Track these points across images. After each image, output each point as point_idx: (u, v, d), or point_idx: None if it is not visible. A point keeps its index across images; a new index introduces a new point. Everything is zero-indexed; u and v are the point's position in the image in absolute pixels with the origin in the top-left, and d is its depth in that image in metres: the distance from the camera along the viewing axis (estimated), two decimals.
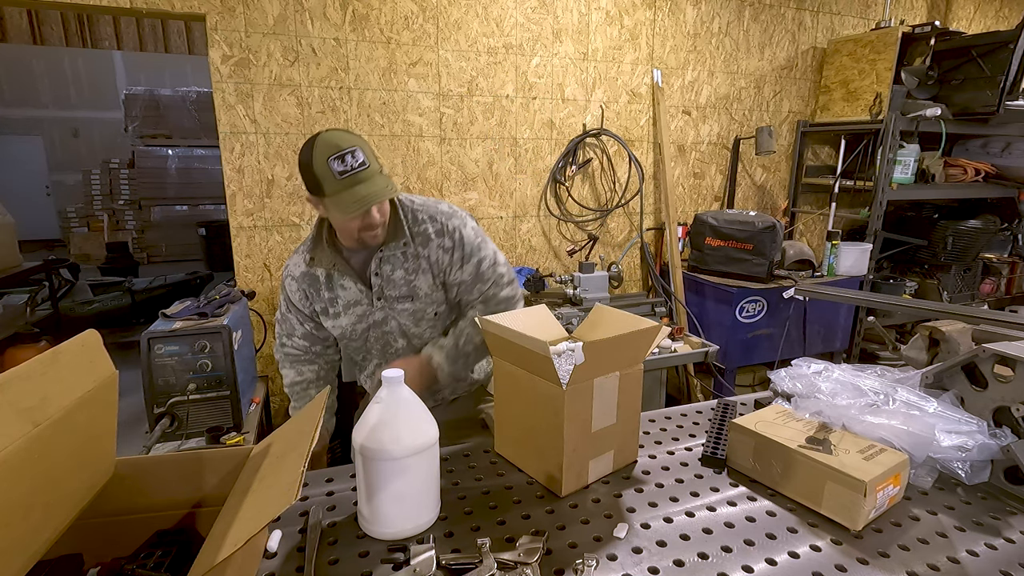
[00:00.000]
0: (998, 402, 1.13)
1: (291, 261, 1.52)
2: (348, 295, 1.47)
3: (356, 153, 1.25)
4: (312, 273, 1.47)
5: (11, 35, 5.49)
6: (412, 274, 1.44)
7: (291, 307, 1.55)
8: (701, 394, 3.35)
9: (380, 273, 1.44)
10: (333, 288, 1.47)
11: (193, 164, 7.97)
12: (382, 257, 1.43)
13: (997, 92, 3.21)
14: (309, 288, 1.49)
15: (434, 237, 1.43)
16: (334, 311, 1.49)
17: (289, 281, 1.51)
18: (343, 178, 1.24)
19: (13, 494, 0.63)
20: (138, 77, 9.24)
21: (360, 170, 1.25)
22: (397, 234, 1.42)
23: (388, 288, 1.45)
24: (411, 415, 0.95)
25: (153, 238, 8.19)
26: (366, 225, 1.33)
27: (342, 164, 1.24)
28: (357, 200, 1.25)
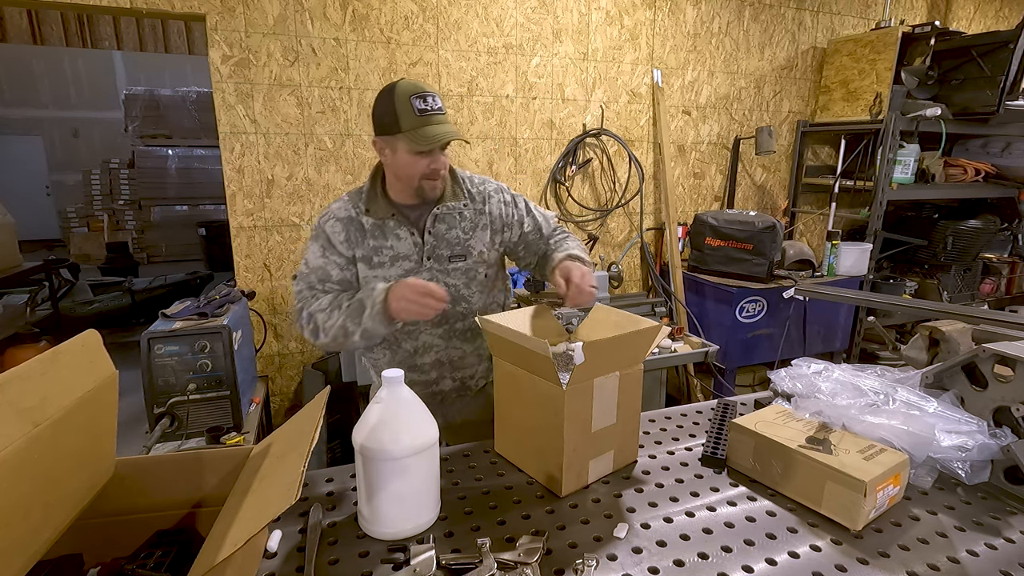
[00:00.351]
0: (998, 402, 1.13)
1: (333, 206, 1.47)
2: (401, 247, 1.42)
3: (436, 99, 1.33)
4: (358, 220, 1.43)
5: (11, 35, 5.49)
6: (468, 232, 1.46)
7: (330, 250, 1.42)
8: (701, 394, 3.35)
9: (434, 231, 1.43)
10: (384, 237, 1.42)
11: (193, 164, 7.96)
12: (438, 215, 1.43)
13: (997, 92, 3.21)
14: (355, 233, 1.43)
15: (493, 194, 1.51)
16: (379, 260, 1.42)
17: (332, 223, 1.43)
18: (422, 115, 1.29)
19: (13, 494, 0.63)
20: (138, 77, 9.23)
21: (438, 112, 1.32)
22: (456, 195, 1.45)
23: (441, 247, 1.44)
24: (411, 415, 0.95)
25: (153, 238, 8.18)
26: (431, 171, 1.35)
27: (423, 103, 1.30)
28: (435, 135, 1.30)
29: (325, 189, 2.82)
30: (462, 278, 1.47)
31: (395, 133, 1.31)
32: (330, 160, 2.80)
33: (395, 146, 1.33)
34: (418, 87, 1.31)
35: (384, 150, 1.37)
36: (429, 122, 1.30)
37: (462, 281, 1.47)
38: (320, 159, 2.78)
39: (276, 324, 2.87)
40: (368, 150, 2.86)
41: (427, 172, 1.35)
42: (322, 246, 1.43)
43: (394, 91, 1.30)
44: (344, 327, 1.31)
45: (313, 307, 1.38)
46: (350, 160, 2.83)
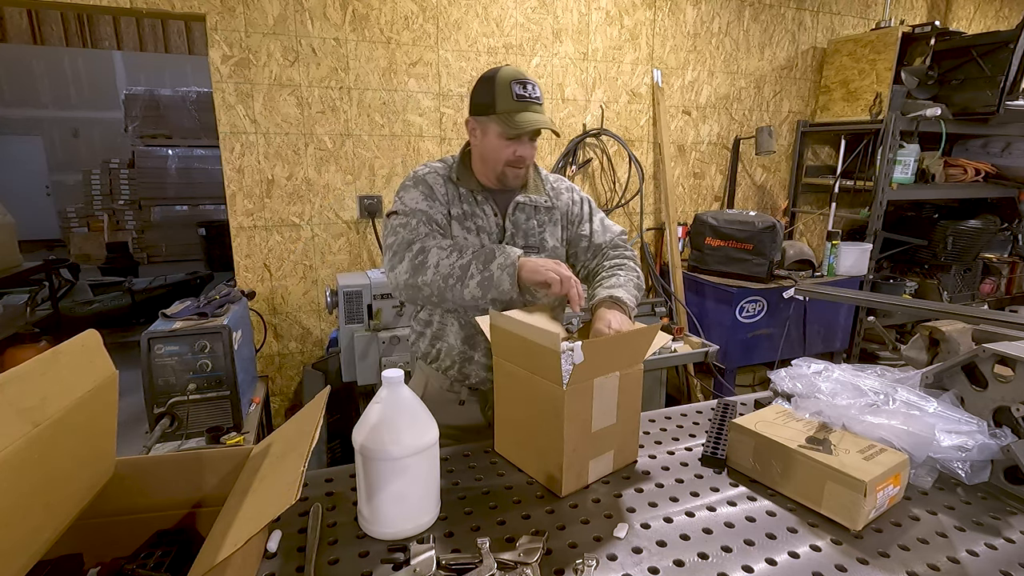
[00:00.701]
0: (998, 402, 1.13)
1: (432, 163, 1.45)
2: (484, 223, 1.41)
3: (536, 88, 1.33)
4: (454, 182, 1.41)
5: (11, 35, 5.49)
6: (542, 226, 1.46)
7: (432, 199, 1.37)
8: (701, 394, 3.35)
9: (513, 219, 1.43)
10: (474, 205, 1.41)
11: (193, 164, 7.96)
12: (519, 203, 1.43)
13: (997, 92, 3.21)
14: (452, 191, 1.40)
15: (564, 192, 1.52)
16: (468, 225, 1.40)
17: (433, 176, 1.40)
18: (519, 101, 1.30)
19: (13, 494, 0.63)
20: (138, 77, 9.23)
21: (535, 101, 1.32)
22: (538, 188, 1.47)
23: (517, 236, 1.43)
24: (411, 415, 0.95)
25: (153, 238, 8.18)
26: (517, 158, 1.35)
27: (522, 89, 1.30)
28: (527, 121, 1.30)
29: (325, 189, 2.82)
30: None
31: (489, 114, 1.32)
32: (330, 160, 2.80)
33: (487, 128, 1.34)
34: (521, 74, 1.32)
35: (475, 131, 1.37)
36: (524, 108, 1.30)
37: None
38: (320, 159, 2.78)
39: (276, 324, 2.87)
40: (368, 150, 2.86)
41: (512, 159, 1.34)
42: (423, 193, 1.37)
43: (497, 74, 1.32)
44: (466, 267, 1.22)
45: (432, 243, 1.27)
46: (350, 160, 2.83)
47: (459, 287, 1.22)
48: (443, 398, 1.49)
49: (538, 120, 1.31)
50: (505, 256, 1.21)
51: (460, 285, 1.22)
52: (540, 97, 1.33)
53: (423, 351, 1.53)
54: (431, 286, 1.25)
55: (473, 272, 1.21)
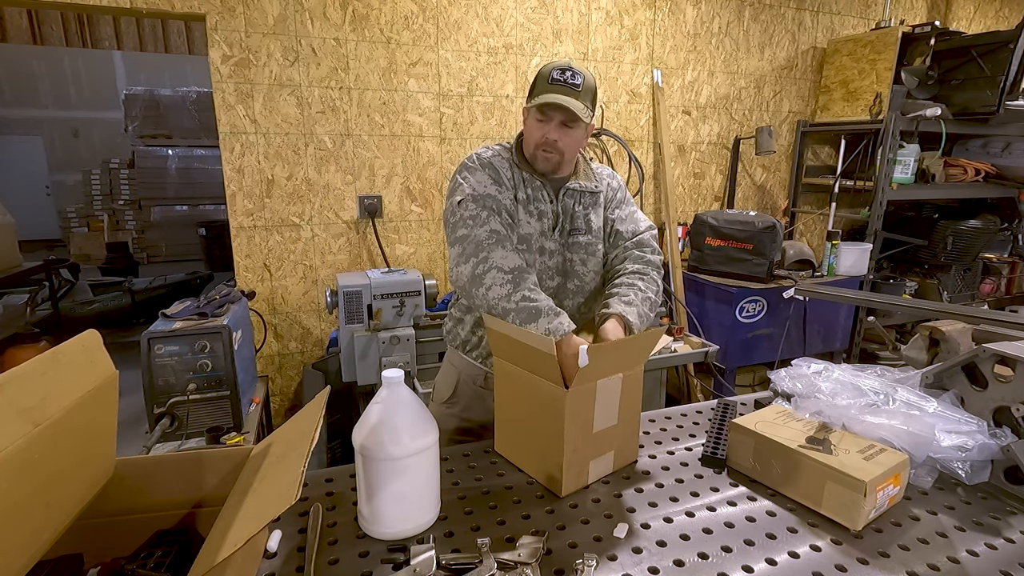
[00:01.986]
0: (998, 402, 1.13)
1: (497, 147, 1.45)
2: (546, 207, 1.41)
3: (577, 75, 1.32)
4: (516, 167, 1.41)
5: (11, 35, 5.49)
6: (587, 209, 1.47)
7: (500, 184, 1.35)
8: (701, 394, 3.35)
9: (563, 205, 1.43)
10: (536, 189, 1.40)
11: (193, 164, 7.96)
12: (568, 189, 1.43)
13: (997, 92, 3.21)
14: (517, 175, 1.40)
15: (606, 177, 1.54)
16: (530, 209, 1.39)
17: (499, 159, 1.39)
18: (552, 84, 1.32)
19: (13, 494, 0.63)
20: (138, 77, 9.22)
21: (569, 85, 1.31)
22: (587, 176, 1.48)
23: (566, 221, 1.43)
24: (411, 415, 0.95)
25: (153, 238, 8.18)
26: (545, 140, 1.34)
27: (561, 75, 1.32)
28: (548, 98, 1.30)
29: (325, 189, 2.82)
30: (581, 252, 1.44)
31: (529, 101, 1.37)
32: (330, 160, 2.80)
33: (528, 113, 1.38)
34: (567, 63, 1.34)
35: (525, 118, 1.41)
36: (556, 89, 1.31)
37: (579, 257, 1.44)
38: (320, 159, 2.78)
39: (276, 324, 2.87)
40: (368, 150, 2.86)
41: (541, 141, 1.35)
42: (491, 177, 1.35)
43: (546, 64, 1.36)
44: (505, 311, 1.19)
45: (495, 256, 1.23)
46: (350, 160, 2.83)
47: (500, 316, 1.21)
48: (475, 393, 1.49)
49: (560, 99, 1.29)
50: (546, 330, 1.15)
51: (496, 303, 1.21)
52: (579, 85, 1.32)
53: (462, 338, 1.50)
54: (479, 303, 1.25)
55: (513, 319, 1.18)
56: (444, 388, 1.55)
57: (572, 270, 1.44)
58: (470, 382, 1.49)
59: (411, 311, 2.46)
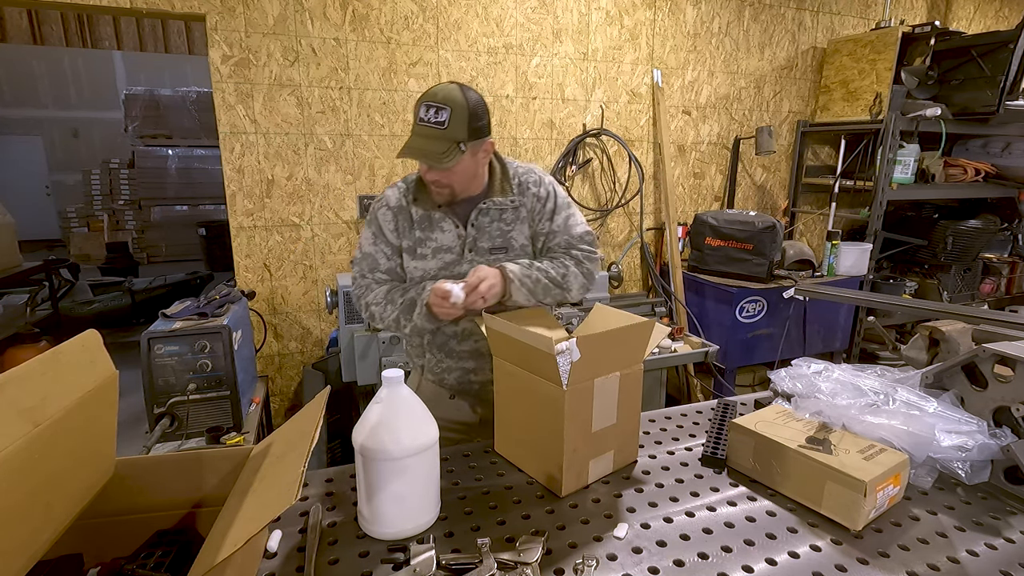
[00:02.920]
0: (998, 402, 1.13)
1: (388, 193, 1.49)
2: (444, 239, 1.43)
3: (442, 111, 1.28)
4: (408, 210, 1.45)
5: (11, 35, 5.49)
6: (510, 225, 1.46)
7: (380, 239, 1.46)
8: (701, 394, 3.35)
9: (477, 224, 1.44)
10: (430, 229, 1.43)
11: (193, 164, 7.96)
12: (482, 209, 1.43)
13: (997, 92, 3.21)
14: (404, 223, 1.45)
15: (531, 187, 1.49)
16: (421, 252, 1.44)
17: (384, 211, 1.46)
18: (417, 125, 1.30)
19: (13, 494, 0.63)
20: (138, 77, 9.23)
21: (433, 127, 1.29)
22: (504, 190, 1.45)
23: (482, 240, 1.44)
24: (411, 415, 0.95)
25: (153, 238, 8.18)
26: (432, 180, 1.36)
27: (425, 113, 1.29)
28: (407, 148, 1.29)
29: (325, 189, 2.82)
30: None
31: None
32: (330, 160, 2.80)
33: None
34: (434, 95, 1.29)
35: None
36: (419, 132, 1.29)
37: None
38: (320, 159, 2.78)
39: (276, 324, 2.87)
40: (368, 150, 2.86)
41: (429, 178, 1.36)
42: (373, 233, 1.47)
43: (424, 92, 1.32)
44: (397, 320, 1.41)
45: (369, 298, 1.45)
46: (350, 160, 2.83)
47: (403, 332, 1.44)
48: (435, 392, 1.54)
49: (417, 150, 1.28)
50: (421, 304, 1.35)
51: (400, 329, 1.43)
52: (444, 121, 1.27)
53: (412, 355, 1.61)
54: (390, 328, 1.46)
55: (403, 323, 1.40)
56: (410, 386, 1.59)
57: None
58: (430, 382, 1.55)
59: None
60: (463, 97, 1.30)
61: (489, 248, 1.44)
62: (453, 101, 1.28)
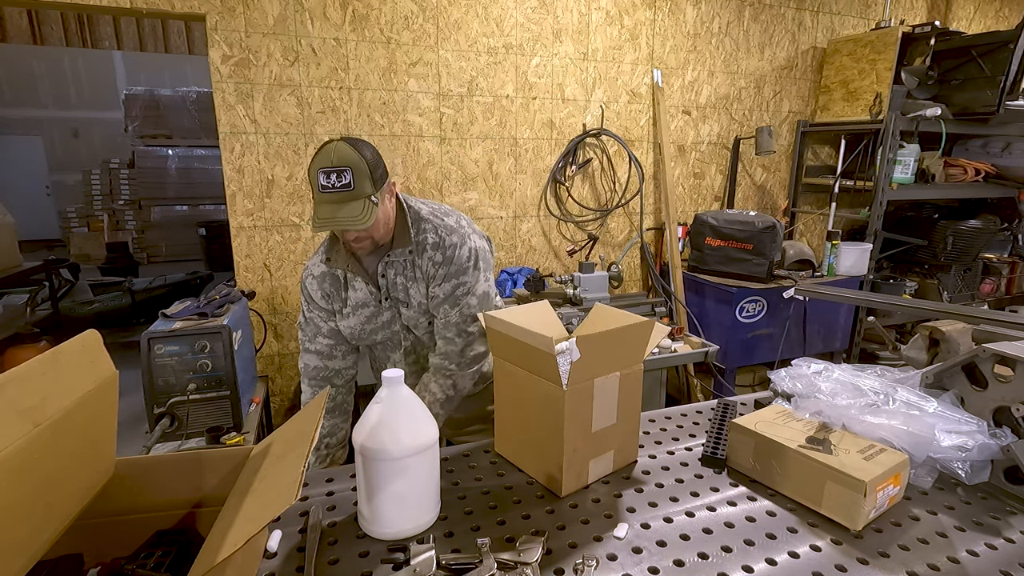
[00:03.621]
0: (998, 402, 1.13)
1: (311, 262, 1.55)
2: (358, 296, 1.50)
3: (344, 174, 1.25)
4: (332, 272, 1.51)
5: (11, 35, 5.49)
6: (410, 281, 1.48)
7: (313, 306, 1.54)
8: (701, 394, 3.35)
9: (387, 276, 1.48)
10: (348, 287, 1.51)
11: (193, 164, 7.96)
12: (387, 262, 1.46)
13: (997, 92, 3.21)
14: (330, 287, 1.51)
15: (429, 249, 1.44)
16: (345, 311, 1.52)
17: (310, 280, 1.53)
18: (323, 192, 1.27)
19: (13, 494, 0.63)
20: (138, 77, 9.23)
21: (340, 191, 1.26)
22: (404, 240, 1.44)
23: (393, 290, 1.50)
24: (411, 415, 0.95)
25: (153, 238, 8.18)
26: (352, 239, 1.38)
27: (327, 180, 1.25)
28: (322, 219, 1.28)
29: None
30: (411, 322, 1.53)
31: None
32: None
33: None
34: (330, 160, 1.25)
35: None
36: (329, 199, 1.26)
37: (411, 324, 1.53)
38: None
39: (276, 324, 2.87)
40: None
41: (346, 239, 1.39)
42: (306, 301, 1.55)
43: (315, 157, 1.27)
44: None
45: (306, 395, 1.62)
46: None
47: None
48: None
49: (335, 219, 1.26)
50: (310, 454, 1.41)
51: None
52: (351, 183, 1.25)
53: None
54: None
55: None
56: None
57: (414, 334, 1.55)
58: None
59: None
60: (357, 154, 1.27)
61: (397, 299, 1.50)
62: (350, 160, 1.25)
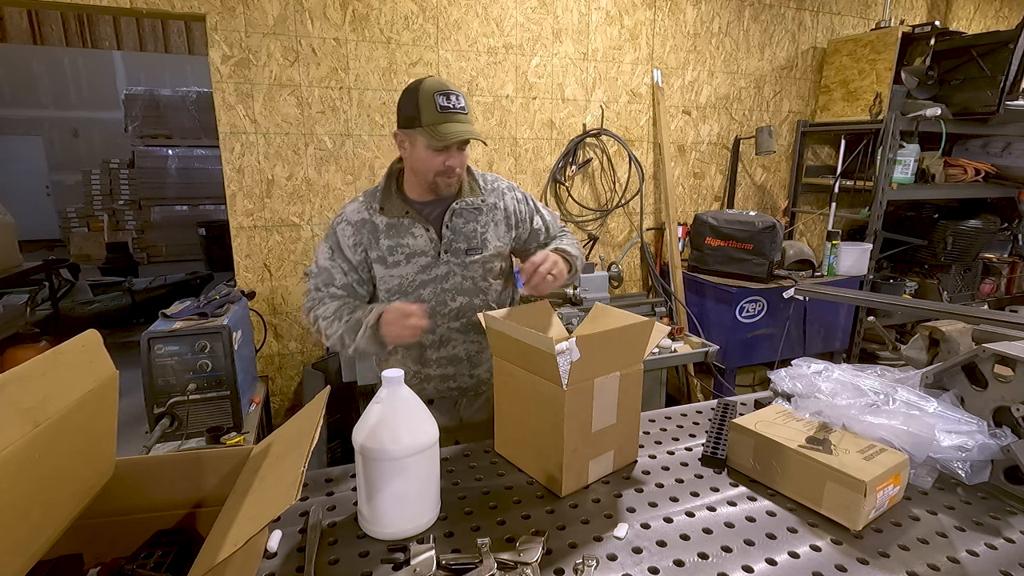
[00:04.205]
0: (998, 402, 1.13)
1: (348, 208, 1.48)
2: (416, 244, 1.44)
3: (460, 98, 1.35)
4: (372, 221, 1.45)
5: (11, 35, 5.50)
6: (484, 227, 1.48)
7: (338, 255, 1.46)
8: (701, 394, 3.35)
9: (451, 226, 1.45)
10: (399, 235, 1.44)
11: (193, 164, 7.96)
12: (455, 210, 1.45)
13: (997, 92, 3.21)
14: (368, 235, 1.45)
15: (506, 191, 1.54)
16: (394, 260, 1.45)
17: (343, 226, 1.46)
18: (444, 112, 1.31)
19: (13, 494, 0.63)
20: (138, 77, 9.23)
21: (459, 112, 1.34)
22: (474, 190, 1.48)
23: (458, 241, 1.46)
24: (411, 415, 0.95)
25: (153, 238, 8.18)
26: (447, 168, 1.36)
27: (447, 100, 1.32)
28: (452, 132, 1.31)
29: (325, 189, 2.82)
30: (479, 271, 1.49)
31: (415, 127, 1.33)
32: (330, 160, 2.80)
33: (414, 140, 1.35)
34: (444, 85, 1.33)
35: (404, 143, 1.39)
36: (449, 119, 1.31)
37: (479, 274, 1.49)
38: (320, 159, 2.78)
39: (276, 324, 2.87)
40: (368, 150, 2.86)
41: (442, 169, 1.36)
42: (331, 248, 1.47)
43: (420, 87, 1.32)
44: (342, 339, 1.39)
45: (319, 311, 1.44)
46: (350, 160, 2.83)
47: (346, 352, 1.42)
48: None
49: (464, 131, 1.32)
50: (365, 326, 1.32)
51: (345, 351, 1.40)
52: (465, 107, 1.35)
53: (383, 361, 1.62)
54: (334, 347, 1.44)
55: (347, 342, 1.38)
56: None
57: (475, 287, 1.50)
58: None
59: None
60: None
61: (465, 249, 1.47)
62: (458, 89, 1.36)
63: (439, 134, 1.30)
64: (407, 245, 1.44)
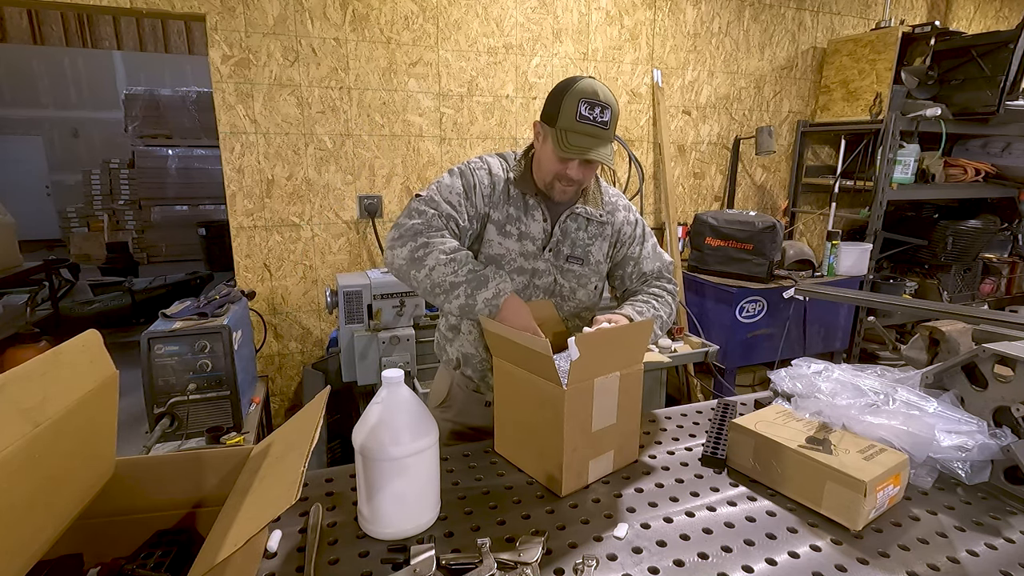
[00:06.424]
0: (998, 402, 1.13)
1: (491, 159, 1.42)
2: (532, 228, 1.39)
3: (607, 112, 1.25)
4: (506, 184, 1.39)
5: (11, 35, 5.50)
6: (592, 239, 1.44)
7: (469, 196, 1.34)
8: (701, 394, 3.35)
9: (563, 227, 1.41)
10: (523, 210, 1.39)
11: (193, 164, 7.95)
12: (574, 212, 1.41)
13: (997, 92, 3.21)
14: (500, 193, 1.38)
15: (621, 209, 1.49)
16: (510, 230, 1.38)
17: (483, 173, 1.37)
18: (581, 123, 1.24)
19: (13, 494, 0.63)
20: (138, 77, 9.23)
21: (599, 127, 1.25)
22: (597, 201, 1.44)
23: (564, 244, 1.41)
24: (411, 415, 0.95)
25: (153, 238, 8.18)
26: (564, 176, 1.31)
27: (589, 111, 1.24)
28: (579, 146, 1.24)
29: (325, 189, 2.82)
30: (573, 280, 1.43)
31: (551, 125, 1.28)
32: (330, 160, 2.80)
33: (546, 137, 1.31)
34: (594, 94, 1.24)
35: (539, 135, 1.35)
36: (586, 132, 1.24)
37: (571, 284, 1.44)
38: (320, 159, 2.78)
39: (276, 324, 2.87)
40: (368, 150, 2.86)
41: (563, 174, 1.31)
42: (464, 187, 1.34)
43: (571, 87, 1.25)
44: (454, 285, 1.20)
45: (436, 241, 1.24)
46: (350, 160, 2.83)
47: (443, 298, 1.22)
48: (469, 399, 1.48)
49: (589, 149, 1.24)
50: (495, 292, 1.20)
51: (445, 297, 1.22)
52: (607, 122, 1.25)
53: (449, 357, 1.51)
54: (421, 285, 1.24)
55: (460, 294, 1.20)
56: (438, 392, 1.55)
57: (563, 294, 1.44)
58: (463, 386, 1.49)
59: (411, 311, 2.46)
60: (615, 98, 1.28)
61: (567, 255, 1.41)
62: (612, 103, 1.26)
63: (566, 144, 1.24)
64: (524, 223, 1.39)
